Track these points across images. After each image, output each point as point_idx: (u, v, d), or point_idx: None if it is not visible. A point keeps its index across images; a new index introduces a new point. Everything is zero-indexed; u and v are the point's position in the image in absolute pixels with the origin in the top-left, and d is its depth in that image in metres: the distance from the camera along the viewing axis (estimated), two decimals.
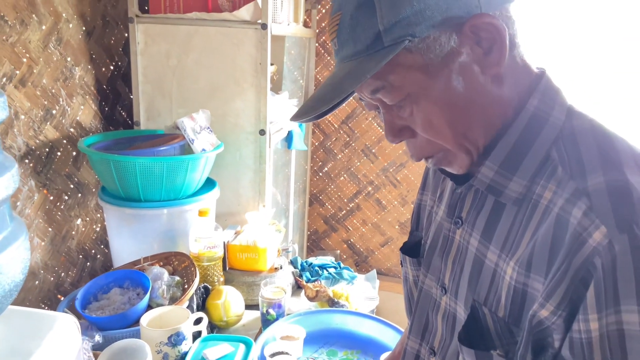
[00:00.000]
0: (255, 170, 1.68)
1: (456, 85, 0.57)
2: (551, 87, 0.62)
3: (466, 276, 0.65)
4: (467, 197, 0.67)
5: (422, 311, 0.75)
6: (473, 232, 0.65)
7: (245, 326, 1.39)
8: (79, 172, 1.63)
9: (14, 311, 0.62)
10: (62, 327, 0.61)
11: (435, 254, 0.73)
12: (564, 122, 0.60)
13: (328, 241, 2.89)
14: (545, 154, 0.59)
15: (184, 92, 1.66)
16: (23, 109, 1.38)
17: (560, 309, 0.52)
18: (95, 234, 1.74)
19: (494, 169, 0.61)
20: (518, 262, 0.57)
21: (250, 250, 1.50)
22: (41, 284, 1.49)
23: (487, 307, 0.61)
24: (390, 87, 0.58)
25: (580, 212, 0.51)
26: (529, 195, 0.59)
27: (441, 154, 0.63)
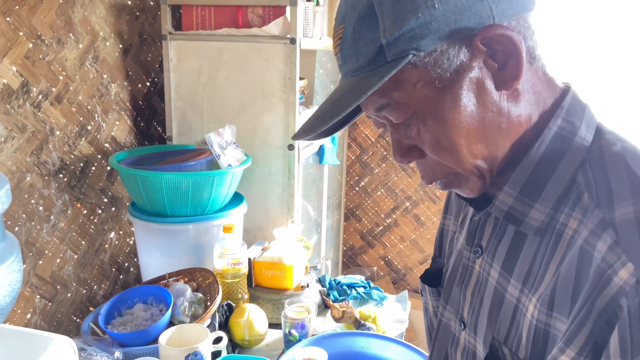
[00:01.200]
0: (284, 185, 1.66)
1: (467, 102, 0.52)
2: (577, 104, 0.56)
3: (485, 311, 0.60)
4: (487, 224, 0.62)
5: (441, 346, 0.70)
6: (493, 262, 0.60)
7: (269, 346, 1.36)
8: (112, 187, 1.66)
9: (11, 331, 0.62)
10: (57, 349, 0.60)
11: (454, 285, 0.67)
12: (591, 143, 0.54)
13: (365, 257, 2.84)
14: (570, 178, 0.53)
15: (215, 107, 1.67)
16: (58, 125, 1.42)
17: (582, 356, 0.46)
18: (129, 247, 1.76)
19: (513, 195, 0.55)
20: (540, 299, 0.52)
21: (276, 267, 1.48)
22: (73, 296, 1.52)
23: (508, 346, 0.56)
24: (395, 105, 0.54)
25: (606, 246, 0.46)
26: (552, 224, 0.53)
27: (452, 176, 0.58)
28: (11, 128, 1.27)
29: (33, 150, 1.34)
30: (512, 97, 0.54)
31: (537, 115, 0.56)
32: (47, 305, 1.42)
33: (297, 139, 0.59)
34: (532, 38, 0.54)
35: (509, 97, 0.54)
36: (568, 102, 0.56)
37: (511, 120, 0.54)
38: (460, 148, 0.54)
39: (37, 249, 1.38)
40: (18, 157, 1.30)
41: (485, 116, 0.53)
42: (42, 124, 1.37)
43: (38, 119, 1.35)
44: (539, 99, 0.56)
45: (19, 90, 1.29)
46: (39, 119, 1.35)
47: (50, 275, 1.43)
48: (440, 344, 0.70)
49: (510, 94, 0.54)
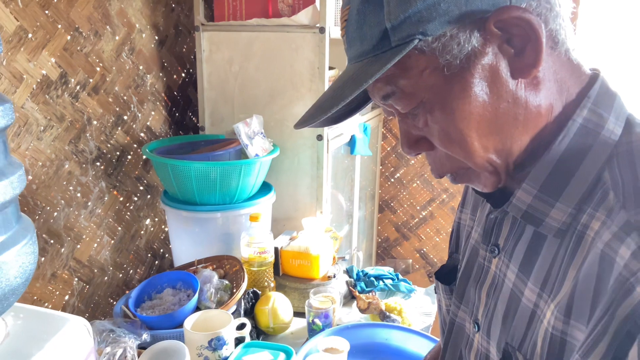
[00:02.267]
0: (313, 176, 1.66)
1: (478, 92, 0.49)
2: (606, 93, 0.51)
3: (500, 314, 0.57)
4: (504, 222, 0.58)
5: (455, 348, 0.67)
6: (510, 263, 0.56)
7: (294, 334, 1.37)
8: (148, 175, 1.72)
9: (26, 310, 0.65)
10: (71, 330, 0.63)
11: (469, 284, 0.64)
12: (620, 136, 0.49)
13: (399, 250, 2.81)
14: (595, 176, 0.48)
15: (245, 98, 1.68)
16: (96, 115, 1.48)
17: None
18: (164, 234, 1.82)
19: (532, 193, 0.51)
20: (558, 305, 0.48)
21: (302, 256, 1.48)
22: (110, 280, 1.59)
23: (522, 353, 0.53)
24: (401, 94, 0.51)
25: (629, 252, 0.42)
26: (573, 225, 0.49)
27: (462, 170, 0.55)
28: (50, 118, 1.33)
29: (71, 139, 1.40)
30: (531, 85, 0.49)
31: (560, 105, 0.51)
32: (84, 287, 1.49)
33: (298, 127, 0.56)
34: (555, 20, 0.49)
35: (527, 86, 0.49)
36: (596, 90, 0.51)
37: (529, 111, 0.50)
38: (471, 141, 0.50)
39: (75, 233, 1.44)
40: (57, 146, 1.36)
41: (500, 107, 0.49)
42: (80, 113, 1.42)
43: (76, 109, 1.41)
44: (562, 88, 0.51)
45: (57, 81, 1.34)
46: (76, 109, 1.41)
47: (88, 259, 1.50)
48: (454, 345, 0.67)
49: (528, 83, 0.49)
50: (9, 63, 1.21)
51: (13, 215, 0.56)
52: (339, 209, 2.01)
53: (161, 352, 1.07)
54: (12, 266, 0.53)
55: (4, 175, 0.52)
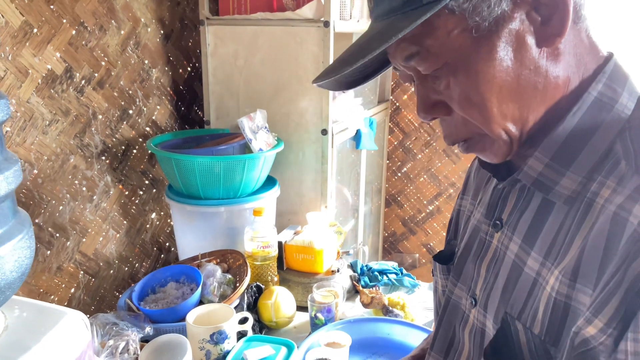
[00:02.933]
0: (318, 170, 1.66)
1: (503, 56, 0.49)
2: (619, 72, 0.53)
3: (500, 286, 0.57)
4: (510, 196, 0.59)
5: (449, 325, 0.67)
6: (514, 236, 0.57)
7: (297, 328, 1.38)
8: (153, 169, 1.72)
9: (24, 303, 0.66)
10: (68, 323, 0.63)
11: (468, 260, 0.65)
12: (632, 111, 0.50)
13: (406, 244, 2.80)
14: (607, 146, 0.50)
15: (250, 92, 1.68)
16: (101, 109, 1.49)
17: (610, 327, 0.43)
18: (169, 228, 1.83)
19: (544, 162, 0.52)
20: (563, 271, 0.49)
21: (306, 251, 1.48)
22: (116, 273, 1.60)
23: (522, 322, 0.53)
24: (426, 54, 0.51)
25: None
26: (583, 193, 0.50)
27: (477, 137, 0.55)
28: (55, 112, 1.34)
29: (76, 133, 1.41)
30: (552, 56, 0.50)
31: (577, 79, 0.52)
32: (90, 280, 1.51)
33: (317, 82, 0.56)
34: None
35: (549, 56, 0.50)
36: (610, 68, 0.52)
37: (548, 81, 0.51)
38: (491, 105, 0.51)
39: (80, 227, 1.46)
40: (62, 140, 1.37)
41: (522, 73, 0.50)
42: (85, 108, 1.43)
43: (81, 103, 1.42)
44: (579, 62, 0.52)
45: (62, 75, 1.35)
46: (82, 103, 1.42)
47: (94, 253, 1.51)
48: (448, 322, 0.67)
49: (550, 52, 0.50)
50: (15, 58, 1.22)
51: (9, 210, 0.57)
52: (344, 203, 2.00)
53: (163, 345, 1.08)
54: (8, 260, 0.53)
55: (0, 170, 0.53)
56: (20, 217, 0.59)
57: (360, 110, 1.87)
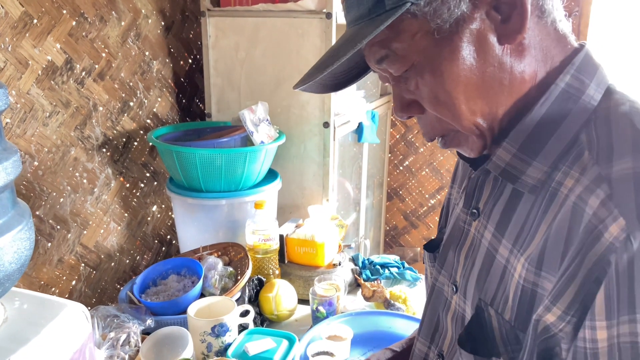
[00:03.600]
0: (319, 163, 1.65)
1: (466, 55, 0.50)
2: (589, 63, 0.53)
3: (475, 273, 0.59)
4: (485, 185, 0.60)
5: (433, 311, 0.69)
6: (488, 224, 0.58)
7: (298, 321, 1.38)
8: (154, 162, 1.72)
9: (24, 295, 0.65)
10: (68, 316, 0.63)
11: (450, 248, 0.66)
12: (599, 102, 0.51)
13: (408, 238, 2.80)
14: (573, 137, 0.51)
15: (252, 84, 1.67)
16: (101, 101, 1.48)
17: (569, 314, 0.44)
18: (171, 220, 1.82)
19: (511, 152, 0.53)
20: (529, 258, 0.50)
21: (308, 244, 1.48)
22: (117, 266, 1.60)
23: (494, 307, 0.55)
24: (394, 57, 0.53)
25: (598, 201, 0.44)
26: (548, 182, 0.51)
27: (451, 133, 0.57)
28: (56, 103, 1.33)
29: (77, 125, 1.40)
30: (516, 52, 0.51)
31: (543, 72, 0.53)
32: (91, 273, 1.50)
33: (296, 87, 0.59)
34: None
35: (513, 52, 0.51)
36: (580, 59, 0.53)
37: (514, 76, 0.52)
38: (459, 103, 0.52)
39: (81, 219, 1.45)
40: (62, 132, 1.36)
41: (486, 71, 0.51)
42: (86, 99, 1.42)
43: (81, 95, 1.41)
44: (546, 56, 0.53)
45: (62, 67, 1.34)
46: (82, 95, 1.41)
47: (95, 245, 1.51)
48: (433, 309, 0.69)
49: (514, 49, 0.51)
50: (14, 49, 1.21)
51: (9, 201, 0.56)
52: (346, 197, 2.00)
53: (164, 337, 1.08)
54: (7, 252, 0.53)
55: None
56: (20, 208, 0.58)
57: (362, 103, 1.86)
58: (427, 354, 0.69)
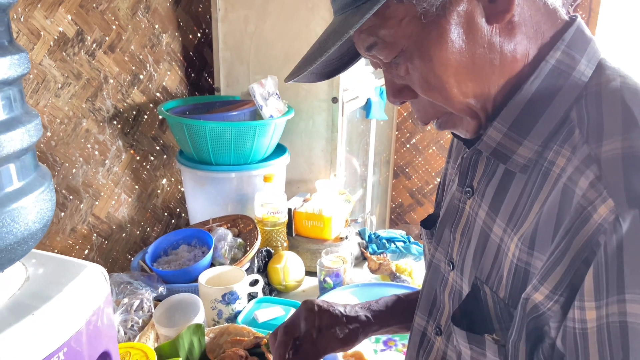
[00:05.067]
0: (328, 138, 1.66)
1: (455, 38, 0.50)
2: (580, 38, 0.52)
3: (472, 251, 0.59)
4: (479, 164, 0.60)
5: (431, 287, 0.70)
6: (482, 202, 0.59)
7: (305, 292, 1.41)
8: (164, 135, 1.73)
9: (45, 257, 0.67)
10: (89, 276, 0.65)
11: (445, 226, 0.67)
12: (590, 78, 0.51)
13: (413, 215, 2.82)
14: (564, 114, 0.50)
15: (261, 59, 1.67)
16: (112, 73, 1.49)
17: (556, 294, 0.45)
18: (180, 194, 1.85)
19: (502, 131, 0.53)
20: (522, 238, 0.50)
21: (315, 218, 1.50)
22: (127, 236, 1.63)
23: (489, 285, 0.55)
24: (382, 43, 0.53)
25: (587, 182, 0.44)
26: (540, 161, 0.51)
27: (445, 116, 0.56)
28: (67, 75, 1.34)
29: (88, 97, 1.42)
30: (506, 30, 0.51)
31: (535, 48, 0.52)
32: (103, 243, 1.53)
33: (287, 80, 0.58)
34: None
35: (502, 31, 0.51)
36: (571, 34, 0.52)
37: (504, 56, 0.51)
38: (450, 87, 0.52)
39: (93, 190, 1.48)
40: (74, 103, 1.38)
41: (476, 52, 0.51)
42: (97, 72, 1.43)
43: (92, 67, 1.42)
44: (537, 32, 0.52)
45: (74, 38, 1.35)
46: (93, 67, 1.42)
47: (106, 216, 1.53)
48: (430, 285, 0.70)
49: (503, 28, 0.50)
50: (27, 19, 1.21)
51: (31, 163, 0.58)
52: (353, 173, 2.01)
53: (177, 304, 1.11)
54: (31, 211, 0.55)
55: (21, 123, 0.54)
56: (42, 170, 0.60)
57: (371, 79, 1.86)
58: (426, 328, 0.70)
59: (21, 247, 0.56)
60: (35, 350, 0.55)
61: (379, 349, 1.10)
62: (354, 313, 0.75)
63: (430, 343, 0.68)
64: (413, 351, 0.71)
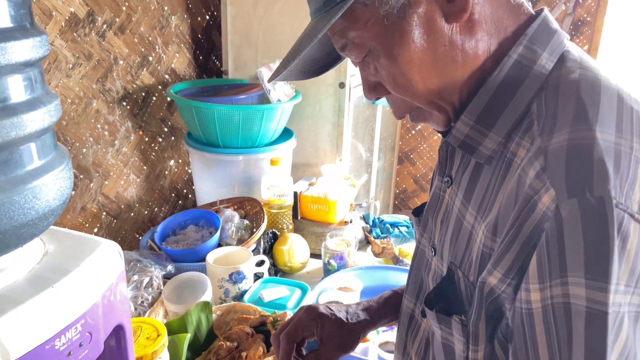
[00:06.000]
0: (334, 123, 1.68)
1: (417, 38, 0.52)
2: (544, 30, 0.54)
3: (449, 237, 0.62)
4: (455, 155, 0.63)
5: (417, 271, 0.73)
6: (458, 191, 0.61)
7: (310, 273, 1.44)
8: (172, 117, 1.75)
9: (63, 233, 0.70)
10: (104, 252, 0.68)
11: (429, 214, 0.70)
12: (551, 70, 0.52)
13: (417, 201, 2.83)
14: (525, 107, 0.52)
15: (269, 42, 1.68)
16: (122, 54, 1.50)
17: (508, 277, 0.48)
18: (187, 175, 1.87)
19: (469, 124, 0.56)
20: (487, 225, 0.53)
21: (321, 202, 1.52)
22: (136, 216, 1.66)
23: (461, 269, 0.59)
24: (352, 44, 0.56)
25: (534, 173, 0.46)
26: (504, 153, 0.53)
27: (416, 110, 0.59)
28: (78, 56, 1.36)
29: (98, 77, 1.43)
30: (466, 28, 0.53)
31: (496, 44, 0.54)
32: (112, 221, 1.56)
33: (270, 81, 0.62)
34: None
35: (462, 29, 0.53)
36: (533, 28, 0.54)
37: (465, 53, 0.53)
38: (415, 84, 0.54)
39: (103, 170, 1.50)
40: (85, 84, 1.39)
41: (437, 50, 0.53)
42: (107, 53, 1.45)
43: (103, 47, 1.43)
44: (499, 27, 0.54)
45: (85, 19, 1.36)
46: (103, 47, 1.43)
47: (115, 195, 1.56)
48: (417, 270, 0.73)
49: (463, 26, 0.53)
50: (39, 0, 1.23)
51: (51, 143, 0.60)
52: (358, 159, 2.03)
53: (185, 282, 1.14)
54: (51, 188, 0.57)
55: (42, 103, 0.56)
56: (60, 150, 0.62)
57: None
58: (413, 310, 0.73)
59: (42, 222, 0.58)
60: (56, 321, 0.58)
61: (381, 329, 1.13)
62: (356, 319, 0.77)
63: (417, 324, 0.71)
64: (402, 332, 0.74)
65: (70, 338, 0.60)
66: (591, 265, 0.42)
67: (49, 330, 0.57)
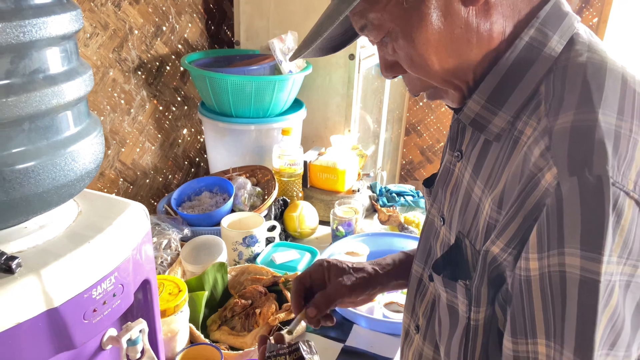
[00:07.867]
0: (343, 95, 1.71)
1: (434, 20, 0.55)
2: (555, 14, 0.57)
3: (458, 208, 0.66)
4: (466, 131, 0.67)
5: (427, 238, 0.77)
6: (468, 165, 0.65)
7: (318, 239, 1.50)
8: (185, 87, 1.79)
9: (95, 195, 0.76)
10: (133, 212, 0.73)
11: (439, 186, 0.74)
12: (560, 53, 0.55)
13: (423, 172, 2.88)
14: (534, 88, 0.55)
15: (280, 13, 1.70)
16: (137, 24, 1.53)
17: (510, 247, 0.52)
18: (200, 144, 1.93)
19: (480, 103, 0.59)
20: (494, 198, 0.57)
21: (330, 171, 1.57)
22: (151, 183, 1.72)
23: (469, 239, 0.63)
24: (371, 25, 0.58)
25: (539, 152, 0.50)
26: (512, 131, 0.57)
27: (432, 89, 0.63)
28: (95, 25, 1.39)
29: (114, 47, 1.47)
30: (482, 11, 0.55)
31: (511, 26, 0.57)
32: (129, 187, 1.63)
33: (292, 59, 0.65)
34: None
35: (478, 12, 0.55)
36: (546, 11, 0.56)
37: (480, 35, 0.56)
38: (432, 64, 0.57)
39: (120, 137, 1.55)
40: (102, 53, 1.43)
41: (454, 32, 0.55)
42: (122, 22, 1.48)
43: (119, 17, 1.46)
44: (513, 10, 0.56)
45: None
46: (119, 17, 1.47)
47: (132, 162, 1.62)
48: (426, 237, 0.77)
49: (479, 9, 0.55)
50: None
51: (84, 111, 0.65)
52: (366, 129, 2.07)
53: (201, 244, 1.20)
54: (87, 153, 0.62)
55: (78, 74, 0.60)
56: (93, 118, 0.67)
57: None
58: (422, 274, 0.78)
59: (79, 183, 0.64)
60: (92, 273, 0.64)
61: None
62: (361, 266, 0.84)
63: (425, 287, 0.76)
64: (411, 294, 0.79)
65: (105, 289, 0.66)
66: (587, 238, 0.45)
67: (86, 281, 0.63)
